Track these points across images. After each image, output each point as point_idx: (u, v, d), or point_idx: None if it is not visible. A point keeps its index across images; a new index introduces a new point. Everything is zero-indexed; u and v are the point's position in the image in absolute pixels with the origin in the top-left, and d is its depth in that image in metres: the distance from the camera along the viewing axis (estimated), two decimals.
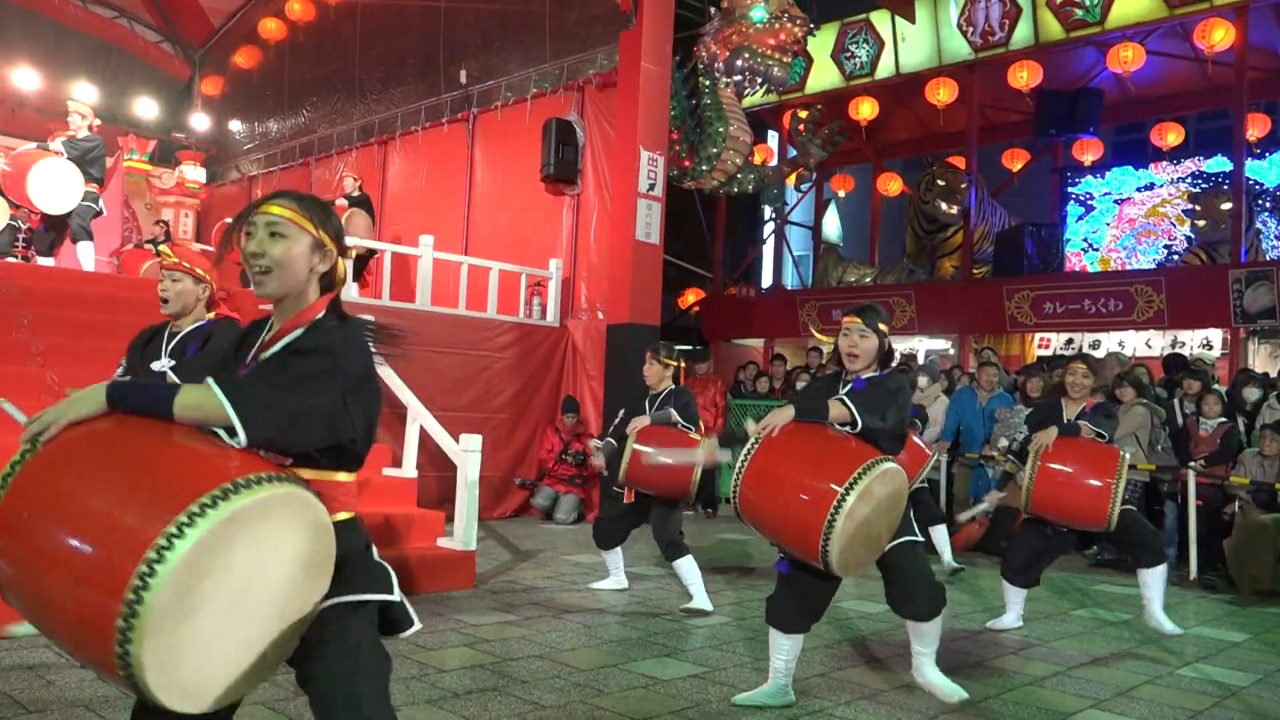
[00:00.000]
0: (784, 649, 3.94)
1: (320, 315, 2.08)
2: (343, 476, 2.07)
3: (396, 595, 2.11)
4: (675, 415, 5.80)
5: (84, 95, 13.71)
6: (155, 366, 3.93)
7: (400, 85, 13.70)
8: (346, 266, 2.19)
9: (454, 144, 12.63)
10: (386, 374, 7.56)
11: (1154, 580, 5.40)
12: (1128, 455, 5.25)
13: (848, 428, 3.61)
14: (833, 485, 3.36)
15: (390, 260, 9.99)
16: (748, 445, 3.60)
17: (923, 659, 4.12)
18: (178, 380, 3.70)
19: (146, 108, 16.27)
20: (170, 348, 3.94)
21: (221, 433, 1.80)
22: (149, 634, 1.56)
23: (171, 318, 3.96)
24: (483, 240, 11.83)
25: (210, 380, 1.82)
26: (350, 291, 9.35)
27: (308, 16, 14.87)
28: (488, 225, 12.03)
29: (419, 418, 7.15)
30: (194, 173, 15.86)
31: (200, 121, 17.03)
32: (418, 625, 2.19)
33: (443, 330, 9.45)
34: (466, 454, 6.56)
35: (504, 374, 9.90)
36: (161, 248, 4.11)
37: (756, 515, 3.63)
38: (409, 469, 7.10)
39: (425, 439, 7.16)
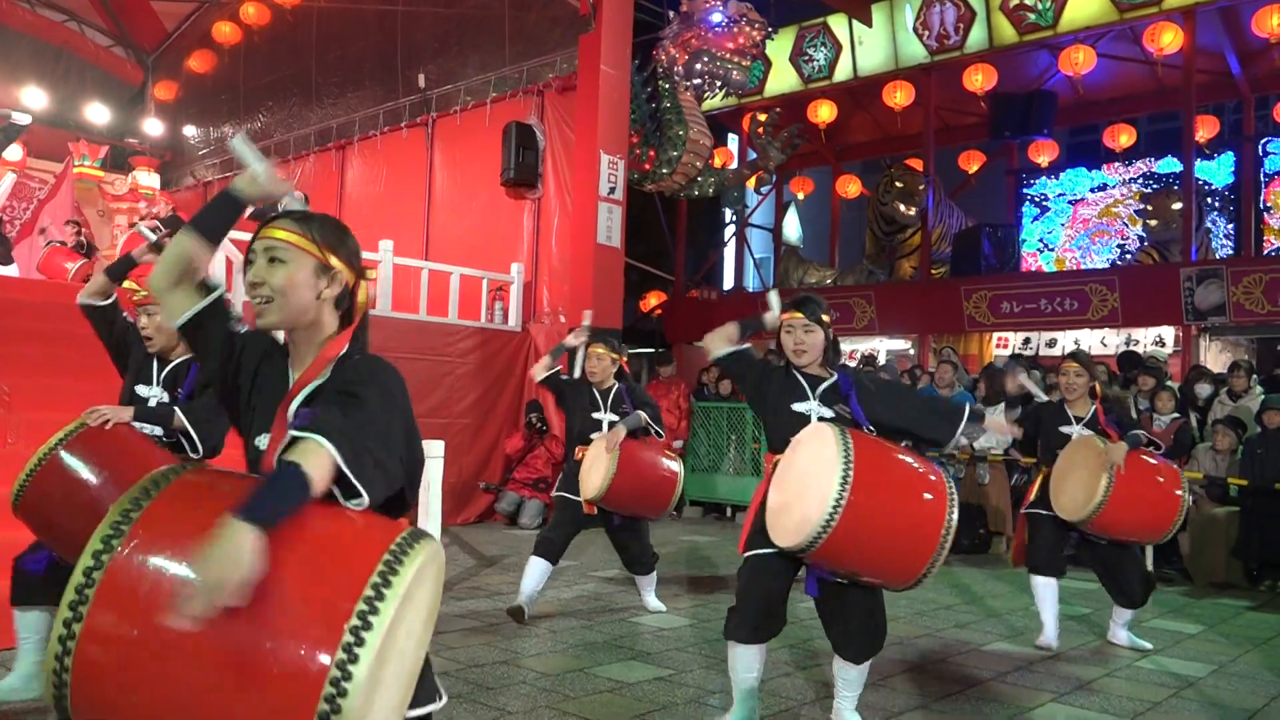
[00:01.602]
0: (752, 665, 3.51)
1: (344, 350, 1.90)
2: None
3: (443, 699, 1.97)
4: (645, 417, 5.43)
5: (32, 100, 13.46)
6: (142, 391, 3.85)
7: (358, 90, 13.59)
8: (370, 291, 2.04)
9: (413, 148, 12.55)
10: None
11: (1124, 615, 5.34)
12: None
13: (934, 449, 3.44)
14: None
15: None
16: (843, 466, 2.96)
17: (845, 702, 3.63)
18: (183, 417, 3.65)
19: (98, 113, 15.99)
20: (161, 377, 3.88)
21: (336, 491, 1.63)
22: None
23: (165, 352, 3.90)
24: (443, 245, 11.77)
25: (322, 440, 1.60)
26: None
27: (263, 20, 14.70)
28: (448, 230, 11.96)
29: None
30: (148, 179, 15.59)
31: (153, 127, 16.77)
32: (442, 701, 2.01)
33: (404, 336, 9.38)
34: (429, 460, 6.51)
35: (466, 379, 9.84)
36: (129, 284, 3.96)
37: (855, 546, 3.06)
38: None
39: None
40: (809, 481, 3.08)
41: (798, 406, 3.51)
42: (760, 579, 3.41)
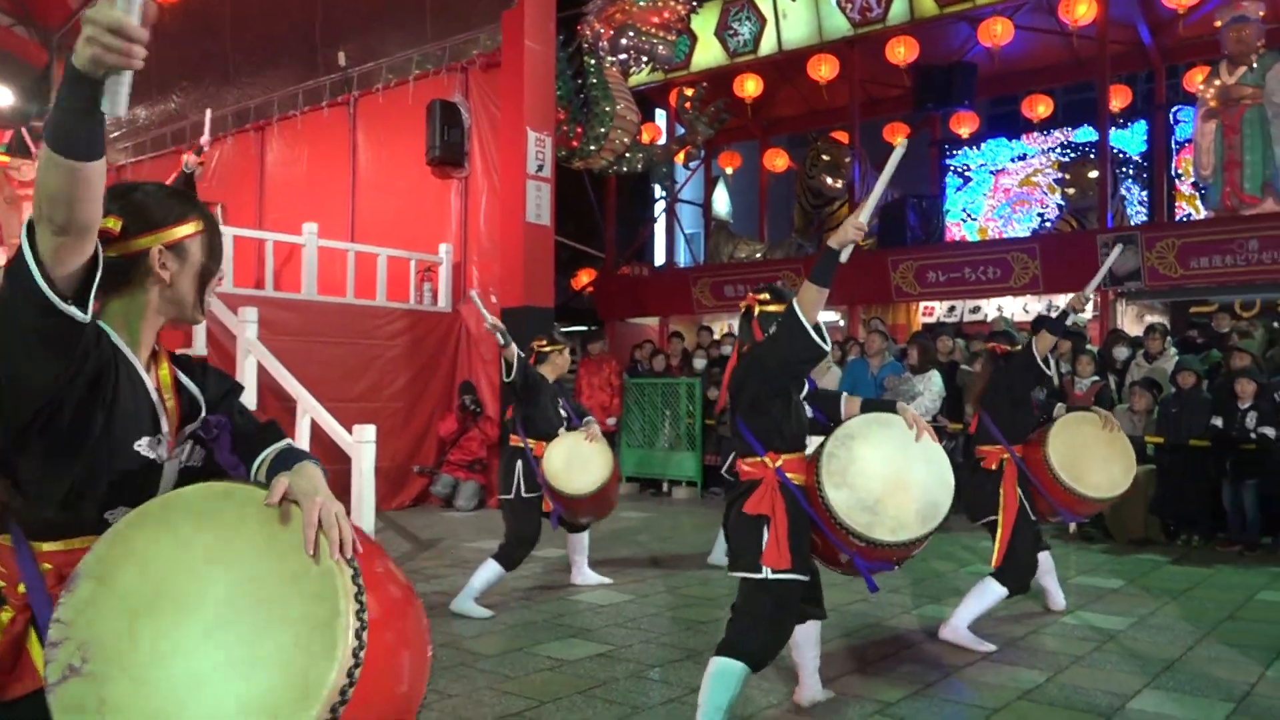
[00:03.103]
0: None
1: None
2: None
3: None
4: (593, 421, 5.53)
5: None
6: None
7: (276, 68, 13.22)
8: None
9: (335, 128, 12.27)
10: (273, 366, 7.35)
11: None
12: None
13: None
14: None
15: (273, 249, 9.68)
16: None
17: (813, 671, 3.82)
18: None
19: (1, 96, 15.36)
20: None
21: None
22: None
23: None
24: (369, 226, 11.55)
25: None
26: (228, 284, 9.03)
27: None
28: (374, 211, 11.74)
29: (309, 410, 6.98)
30: None
31: None
32: None
33: (331, 320, 9.22)
34: (360, 445, 6.44)
35: (396, 362, 9.72)
36: None
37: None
38: None
39: (317, 431, 6.99)
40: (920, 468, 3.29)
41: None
42: (793, 608, 3.25)
